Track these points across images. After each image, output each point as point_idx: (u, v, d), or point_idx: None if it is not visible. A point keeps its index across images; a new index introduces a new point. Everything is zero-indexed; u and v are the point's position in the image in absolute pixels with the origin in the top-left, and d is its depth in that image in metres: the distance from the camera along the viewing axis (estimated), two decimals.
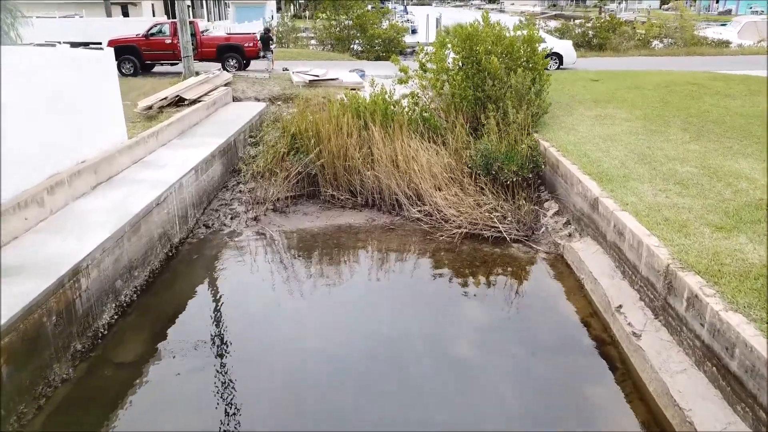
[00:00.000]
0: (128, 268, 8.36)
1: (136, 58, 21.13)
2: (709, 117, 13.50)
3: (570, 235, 10.11)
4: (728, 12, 72.23)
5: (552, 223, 10.72)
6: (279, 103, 18.46)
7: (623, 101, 15.68)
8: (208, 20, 44.86)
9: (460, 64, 14.17)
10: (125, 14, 37.55)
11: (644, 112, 14.26)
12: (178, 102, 14.98)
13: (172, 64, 21.63)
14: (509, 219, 10.89)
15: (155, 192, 9.52)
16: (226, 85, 18.40)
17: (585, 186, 9.72)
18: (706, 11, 76.45)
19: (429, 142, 12.86)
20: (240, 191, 12.75)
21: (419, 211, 11.39)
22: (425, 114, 14.11)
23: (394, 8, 61.23)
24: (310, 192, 12.58)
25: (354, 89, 20.01)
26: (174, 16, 34.66)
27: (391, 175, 11.82)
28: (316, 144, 12.27)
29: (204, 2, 46.04)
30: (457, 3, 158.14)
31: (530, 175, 11.69)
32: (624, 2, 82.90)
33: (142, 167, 10.89)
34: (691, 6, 78.66)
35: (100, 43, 23.81)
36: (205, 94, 16.22)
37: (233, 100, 18.02)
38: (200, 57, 21.48)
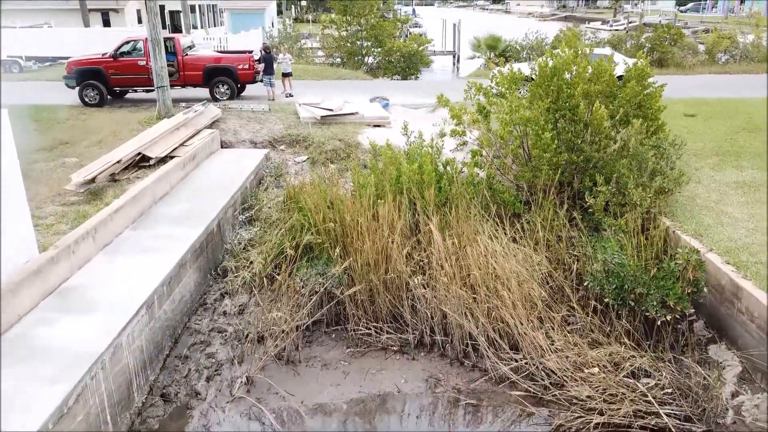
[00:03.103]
0: None
1: (102, 83, 16.66)
2: None
3: None
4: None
5: (748, 407, 6.35)
6: (282, 147, 14.13)
7: (758, 155, 11.35)
8: (202, 27, 40.42)
9: (544, 111, 9.78)
10: (106, 23, 33.00)
11: None
12: (141, 161, 10.61)
13: (147, 91, 17.12)
14: (668, 388, 6.55)
15: (61, 389, 5.18)
16: (212, 124, 14.04)
17: None
18: (731, 14, 72.04)
19: (500, 224, 8.57)
20: (224, 312, 8.40)
21: (512, 368, 7.02)
22: (493, 180, 9.79)
23: (399, 9, 56.73)
24: (332, 316, 8.21)
25: (378, 125, 15.73)
26: (165, 26, 30.34)
27: (462, 301, 7.45)
28: (343, 252, 7.86)
29: (197, 8, 41.56)
30: (460, 3, 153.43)
31: (692, 309, 7.33)
32: (640, 3, 78.59)
33: (55, 308, 6.52)
34: (714, 8, 74.33)
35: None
36: (182, 144, 11.85)
37: (222, 146, 13.66)
38: (183, 82, 17.03)
